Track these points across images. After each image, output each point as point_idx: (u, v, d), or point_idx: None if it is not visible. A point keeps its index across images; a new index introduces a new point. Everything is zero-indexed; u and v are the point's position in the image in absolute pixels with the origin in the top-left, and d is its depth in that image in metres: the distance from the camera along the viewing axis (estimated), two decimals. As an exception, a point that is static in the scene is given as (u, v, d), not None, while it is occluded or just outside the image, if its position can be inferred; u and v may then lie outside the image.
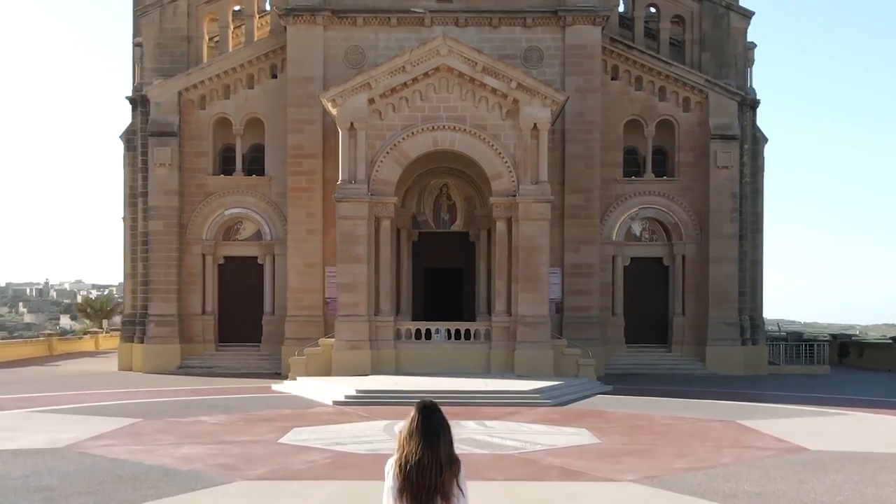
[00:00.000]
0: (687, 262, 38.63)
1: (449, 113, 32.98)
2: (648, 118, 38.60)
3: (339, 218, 32.58)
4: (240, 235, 38.93)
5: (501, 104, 32.81)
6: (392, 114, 33.02)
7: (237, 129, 38.44)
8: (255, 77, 38.44)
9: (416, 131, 32.88)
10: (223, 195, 38.35)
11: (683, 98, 38.54)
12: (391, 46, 36.83)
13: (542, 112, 32.58)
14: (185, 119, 38.21)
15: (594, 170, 37.08)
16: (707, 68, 39.13)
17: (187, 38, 39.04)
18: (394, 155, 32.93)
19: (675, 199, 38.52)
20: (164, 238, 37.79)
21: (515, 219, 32.66)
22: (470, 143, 32.99)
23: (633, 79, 38.53)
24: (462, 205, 37.71)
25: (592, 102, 37.01)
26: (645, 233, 39.14)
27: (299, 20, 36.77)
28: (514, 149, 32.83)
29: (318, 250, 36.83)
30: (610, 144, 38.13)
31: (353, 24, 36.88)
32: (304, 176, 36.89)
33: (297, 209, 36.90)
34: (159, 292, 37.76)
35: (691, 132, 38.62)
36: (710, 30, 39.33)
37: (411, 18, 36.74)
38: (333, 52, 36.98)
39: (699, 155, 38.47)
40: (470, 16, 36.76)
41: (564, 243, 36.81)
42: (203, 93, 38.29)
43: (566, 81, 36.87)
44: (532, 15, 36.76)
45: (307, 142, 36.82)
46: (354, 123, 32.57)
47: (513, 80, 32.38)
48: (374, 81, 32.46)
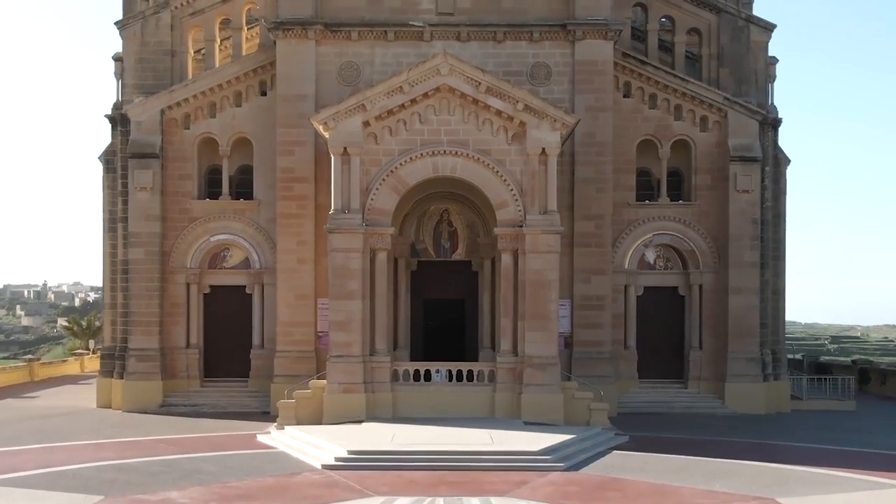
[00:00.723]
0: (704, 293, 36.14)
1: (450, 136, 30.51)
2: (663, 138, 36.10)
3: (332, 251, 30.09)
4: (226, 263, 36.46)
5: (507, 127, 30.33)
6: (389, 137, 30.54)
7: (224, 150, 35.96)
8: (243, 94, 35.95)
9: (414, 156, 30.40)
10: (209, 220, 35.86)
11: (701, 117, 36.04)
12: (388, 62, 34.35)
13: (551, 136, 30.09)
14: (167, 139, 35.71)
15: (606, 195, 34.56)
16: (725, 85, 36.65)
17: (171, 52, 36.55)
18: (390, 182, 30.44)
19: (692, 225, 36.03)
20: (145, 267, 35.30)
21: (522, 251, 30.18)
22: (473, 169, 30.51)
23: (647, 96, 36.03)
24: (464, 232, 35.21)
25: (604, 122, 34.50)
26: (659, 261, 36.66)
27: (290, 34, 34.26)
28: (521, 175, 30.35)
29: (310, 281, 34.33)
30: (622, 166, 35.63)
31: (347, 38, 34.37)
32: (295, 201, 34.38)
33: (288, 237, 34.40)
34: (140, 325, 35.26)
35: (709, 153, 36.12)
36: (728, 44, 36.83)
37: (410, 33, 34.25)
38: (326, 69, 34.47)
39: (717, 177, 35.98)
40: (472, 30, 34.26)
41: (574, 273, 34.30)
42: (187, 111, 35.81)
43: (576, 100, 34.39)
44: (539, 29, 34.25)
45: (298, 165, 34.32)
46: (348, 148, 30.09)
47: (519, 102, 29.89)
48: (370, 103, 29.97)
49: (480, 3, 34.52)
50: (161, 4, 36.53)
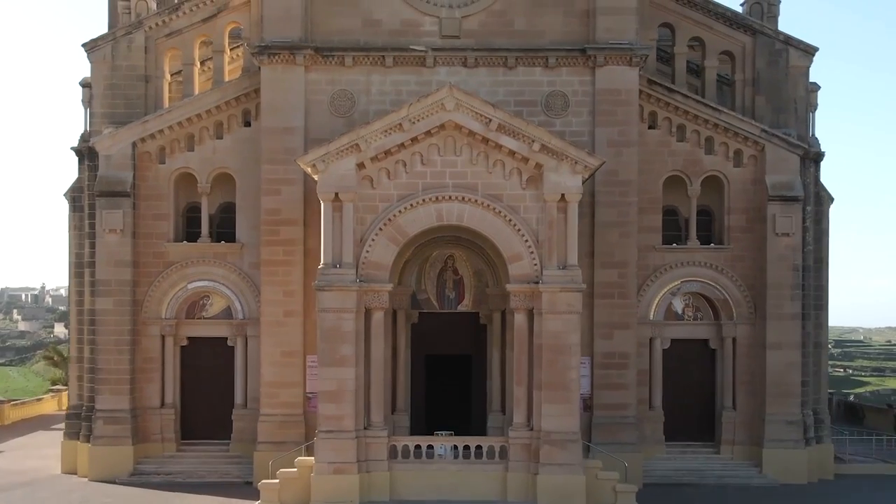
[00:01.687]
0: (738, 346, 32.40)
1: (456, 180, 26.86)
2: (693, 174, 32.37)
3: (321, 311, 26.41)
4: (206, 313, 32.76)
5: (521, 170, 26.66)
6: (386, 181, 26.86)
7: (203, 187, 32.25)
8: (225, 125, 32.23)
9: (415, 203, 26.73)
10: (186, 266, 32.15)
11: (735, 151, 32.32)
12: (386, 91, 30.70)
13: (572, 180, 26.40)
14: (140, 175, 32.01)
15: (630, 239, 30.84)
16: (761, 114, 32.91)
17: (145, 77, 32.81)
18: (388, 232, 26.75)
19: (725, 271, 32.30)
20: (114, 318, 31.57)
21: (538, 311, 26.50)
22: (482, 217, 26.84)
23: (675, 127, 32.30)
24: (471, 281, 31.43)
25: (628, 158, 30.78)
26: (688, 310, 32.91)
27: (276, 60, 30.54)
28: (537, 224, 26.69)
29: (298, 336, 30.61)
30: (647, 206, 31.90)
31: (340, 64, 30.66)
32: (282, 246, 30.67)
33: (273, 286, 30.69)
34: (109, 383, 31.54)
35: (744, 191, 32.40)
36: (765, 68, 33.08)
37: (411, 58, 30.56)
38: (317, 98, 30.77)
39: (753, 218, 32.26)
40: (481, 55, 30.55)
41: (594, 328, 30.58)
42: (162, 144, 32.10)
43: (596, 133, 30.70)
44: (556, 54, 30.53)
45: (285, 205, 30.61)
46: (340, 194, 26.43)
47: (535, 141, 26.21)
48: (365, 142, 26.29)
49: (489, 25, 30.84)
50: (134, 24, 32.86)
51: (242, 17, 32.95)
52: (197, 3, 32.87)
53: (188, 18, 32.90)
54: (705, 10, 33.02)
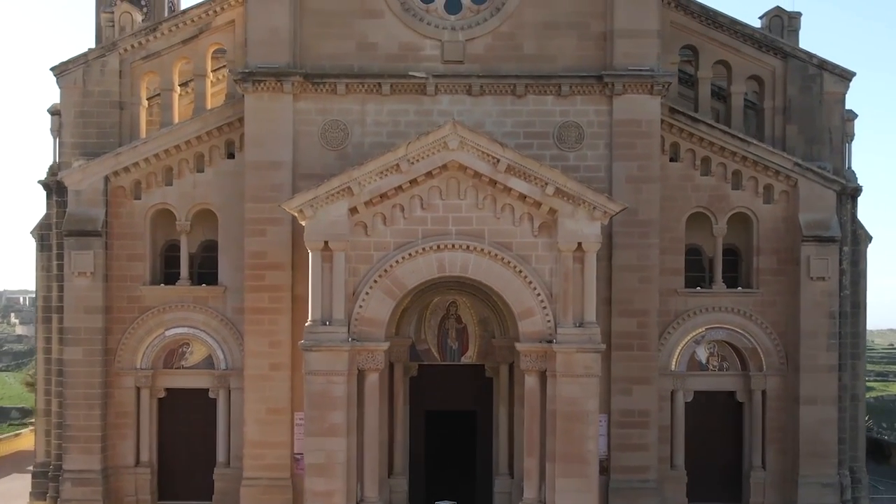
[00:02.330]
0: (768, 400, 29.58)
1: (460, 226, 24.13)
2: (718, 211, 29.56)
3: (308, 373, 23.67)
4: (186, 362, 29.94)
5: (533, 215, 23.92)
6: (382, 227, 24.11)
7: (182, 225, 29.45)
8: (207, 157, 29.43)
9: (415, 252, 23.98)
10: (164, 311, 29.35)
11: (765, 186, 29.52)
12: (383, 122, 27.95)
13: (590, 227, 23.65)
14: (113, 212, 29.21)
15: (651, 285, 28.04)
16: (793, 145, 30.09)
17: (119, 104, 29.95)
18: (384, 285, 23.99)
19: (753, 318, 29.49)
20: (83, 369, 28.77)
21: (552, 373, 23.75)
22: (489, 267, 24.10)
23: (699, 160, 29.49)
24: (475, 330, 28.64)
25: (649, 196, 28.00)
26: (713, 360, 30.10)
27: (261, 87, 27.77)
28: (551, 276, 23.95)
29: (286, 391, 27.80)
30: (668, 245, 29.08)
31: (332, 92, 27.88)
32: (267, 293, 27.87)
33: (258, 336, 27.89)
34: (78, 441, 28.72)
35: (774, 230, 29.59)
36: (797, 95, 30.23)
37: (410, 85, 27.80)
38: (307, 129, 27.99)
39: (785, 260, 29.46)
40: (487, 82, 27.77)
41: (611, 383, 27.76)
42: (138, 178, 29.31)
43: (614, 168, 27.94)
44: (569, 81, 27.75)
45: (271, 248, 27.82)
46: (330, 242, 23.70)
47: (549, 184, 23.47)
48: (358, 185, 23.54)
49: (496, 50, 28.06)
50: (107, 46, 30.08)
51: (226, 38, 30.13)
52: (176, 23, 30.07)
53: (167, 40, 30.08)
54: (732, 31, 30.20)
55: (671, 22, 29.86)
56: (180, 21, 30.08)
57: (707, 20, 30.09)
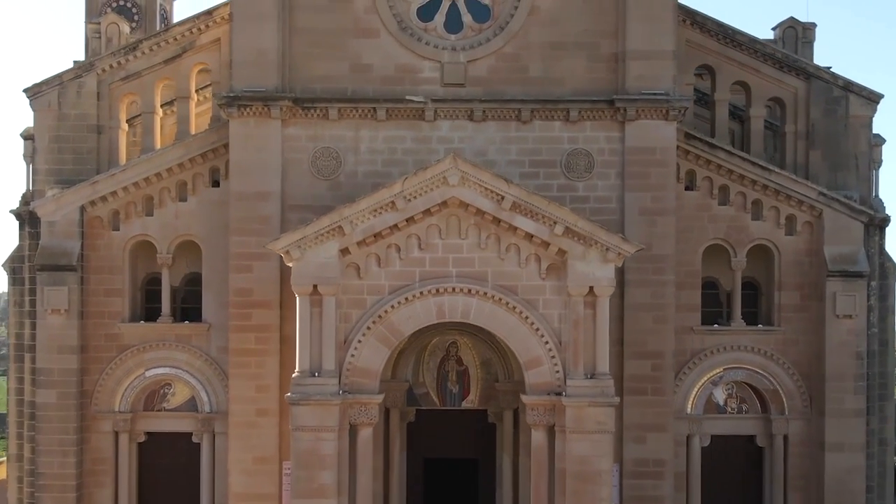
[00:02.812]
0: (790, 445, 27.66)
1: (461, 268, 22.22)
2: (737, 243, 27.62)
3: (295, 429, 21.79)
4: (167, 404, 28.03)
5: (540, 256, 22.01)
6: (376, 269, 22.20)
7: (163, 258, 27.53)
8: (190, 185, 27.50)
9: (411, 296, 22.06)
10: (144, 350, 27.43)
11: (787, 216, 27.60)
12: (378, 149, 26.05)
13: (602, 270, 21.73)
14: (89, 244, 27.30)
15: (666, 325, 26.11)
16: (816, 172, 28.19)
17: (97, 127, 28.05)
18: (378, 332, 22.06)
19: (775, 357, 27.58)
20: (57, 413, 26.85)
21: (561, 428, 21.85)
22: (493, 313, 22.20)
23: (717, 189, 27.55)
24: (477, 373, 26.71)
25: (664, 229, 26.08)
26: (731, 402, 28.16)
27: (247, 112, 25.85)
28: (559, 323, 22.04)
29: (273, 439, 25.87)
30: (683, 279, 27.15)
31: (323, 117, 25.97)
32: (254, 333, 25.96)
33: (243, 380, 25.97)
34: (52, 490, 26.79)
35: (797, 263, 27.66)
36: (820, 118, 28.31)
37: (407, 110, 25.89)
38: (296, 157, 26.08)
39: (809, 296, 27.55)
40: (490, 107, 25.84)
41: (623, 430, 25.80)
42: (115, 207, 27.39)
43: (626, 199, 26.03)
44: (578, 106, 25.83)
45: (258, 284, 25.90)
46: (319, 286, 21.78)
47: (558, 223, 21.54)
48: (349, 224, 21.61)
49: (500, 72, 26.14)
50: (84, 66, 28.18)
51: (211, 57, 28.28)
52: (158, 41, 28.21)
53: (147, 59, 28.17)
54: (751, 50, 28.28)
55: (686, 40, 27.97)
56: (162, 40, 28.25)
57: (725, 39, 28.20)
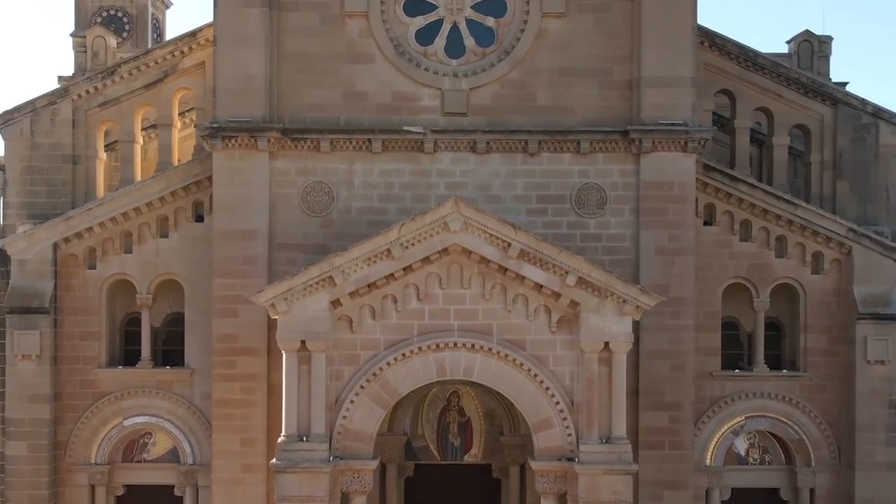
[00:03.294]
0: (817, 499, 25.73)
1: (464, 320, 20.35)
2: (760, 282, 25.73)
3: (281, 500, 19.84)
4: (148, 454, 26.13)
5: (550, 308, 20.14)
6: (371, 322, 20.31)
7: (143, 298, 25.64)
8: (171, 220, 25.60)
9: (409, 351, 20.17)
10: (122, 398, 25.55)
11: (813, 253, 25.70)
12: (373, 183, 24.18)
13: (618, 324, 19.84)
14: (63, 284, 25.41)
15: (685, 373, 24.23)
16: (844, 205, 26.35)
17: (72, 157, 26.19)
18: (373, 391, 20.17)
19: (800, 405, 25.69)
20: (29, 467, 24.94)
21: (573, 497, 19.99)
22: (498, 370, 20.33)
23: (738, 224, 25.68)
24: (481, 424, 24.76)
25: (682, 269, 24.19)
26: (753, 452, 26.27)
27: (232, 144, 23.96)
28: (572, 381, 20.18)
29: (260, 497, 23.93)
30: (702, 321, 25.26)
31: (315, 149, 24.08)
32: (239, 382, 24.05)
33: (228, 433, 24.06)
34: (22, 550, 24.96)
35: (824, 304, 25.78)
36: (848, 147, 26.46)
37: (405, 142, 24.01)
38: (285, 192, 24.19)
39: (837, 339, 25.67)
40: (494, 138, 23.95)
41: (639, 488, 23.82)
42: (92, 244, 25.49)
43: (641, 238, 24.14)
44: (590, 136, 23.94)
45: (244, 330, 23.99)
46: (308, 342, 19.91)
47: (570, 273, 19.64)
48: (341, 274, 19.72)
49: (505, 100, 24.26)
50: (58, 92, 26.29)
51: (195, 82, 26.44)
52: (138, 65, 26.33)
53: (126, 84, 26.30)
54: (774, 74, 26.40)
55: (704, 63, 26.12)
56: (142, 63, 26.37)
57: (746, 62, 26.36)
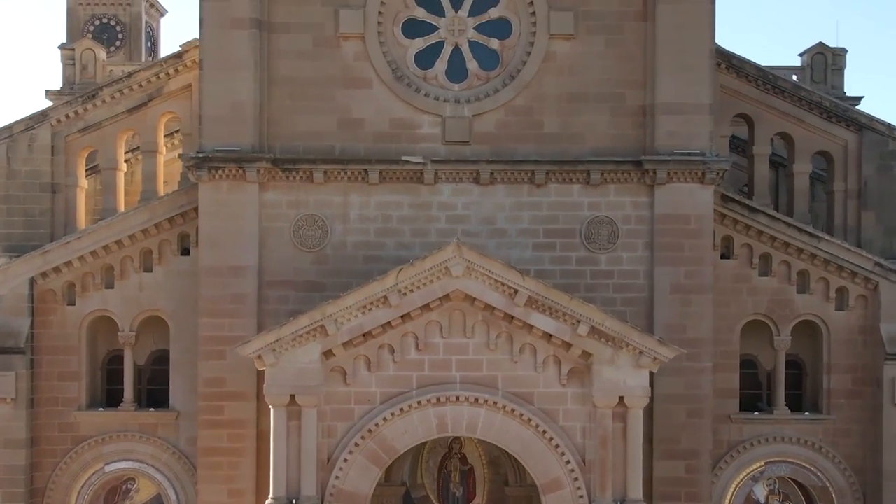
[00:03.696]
0: (842, 550, 24.31)
1: (466, 371, 18.85)
2: (780, 319, 24.22)
3: (269, 569, 18.29)
4: (131, 502, 24.65)
5: (560, 359, 18.64)
6: (366, 374, 18.81)
7: (126, 336, 24.15)
8: (155, 254, 24.08)
9: (407, 406, 18.69)
10: (103, 442, 24.05)
11: (837, 289, 24.19)
12: (370, 216, 22.69)
13: (634, 377, 18.37)
14: (41, 322, 23.91)
15: (703, 420, 22.75)
16: (870, 237, 24.92)
17: (51, 186, 24.81)
18: (368, 449, 18.68)
19: (823, 450, 24.19)
20: (4, 517, 23.54)
21: (585, 564, 18.36)
22: (504, 426, 18.85)
23: (757, 257, 24.19)
24: (484, 473, 23.24)
25: (700, 309, 22.71)
26: (773, 498, 24.76)
27: (219, 175, 22.47)
28: (583, 438, 18.68)
29: (249, 551, 22.53)
30: (719, 362, 23.77)
31: (307, 180, 22.59)
32: (226, 429, 22.55)
33: (214, 484, 22.55)
34: None
35: (849, 342, 24.27)
36: (873, 175, 25.00)
37: (404, 172, 22.53)
38: (276, 226, 22.70)
39: (862, 379, 24.18)
40: (498, 168, 22.47)
41: (653, 541, 22.46)
42: (71, 279, 24.00)
43: (655, 275, 22.65)
44: (600, 167, 22.46)
45: (232, 374, 22.48)
46: (298, 396, 18.45)
47: (582, 322, 18.16)
48: (334, 324, 18.23)
49: (510, 127, 22.77)
50: (36, 117, 24.83)
51: (181, 105, 25.00)
52: (120, 88, 24.91)
53: (109, 108, 24.86)
54: (795, 97, 24.95)
55: (721, 86, 24.66)
56: (125, 86, 24.95)
57: (765, 85, 24.92)
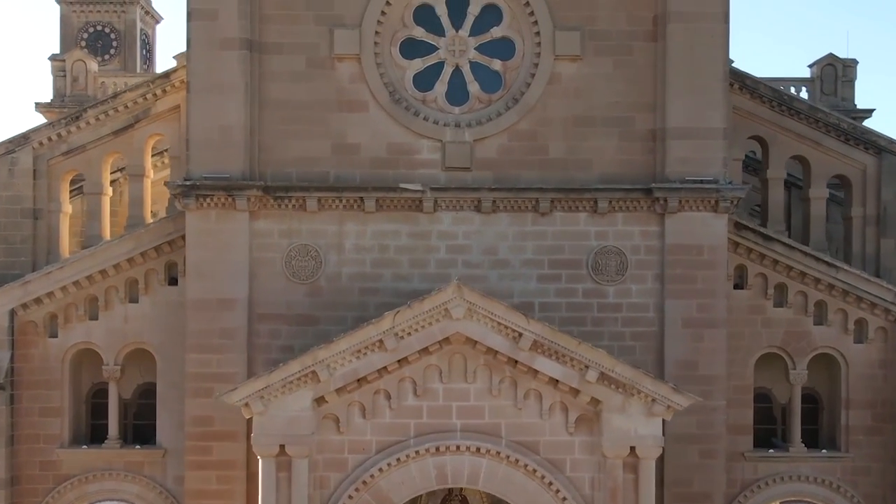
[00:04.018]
0: None
1: (468, 419, 17.76)
2: (796, 352, 23.15)
3: None
4: (116, 544, 23.64)
5: (567, 406, 17.54)
6: (360, 422, 17.71)
7: (110, 370, 23.08)
8: (141, 284, 23.01)
9: (405, 456, 17.58)
10: (87, 481, 22.99)
11: (856, 320, 23.13)
12: (366, 246, 21.63)
13: (646, 426, 17.31)
14: (21, 355, 22.86)
15: (716, 461, 21.69)
16: (890, 266, 23.79)
17: (33, 212, 23.74)
18: (363, 501, 17.65)
19: (841, 489, 23.11)
20: (-18, 561, 22.45)
21: None
22: (507, 476, 17.70)
23: (772, 287, 23.09)
24: (488, 515, 22.23)
25: (713, 344, 21.63)
26: (789, 540, 23.74)
27: (207, 203, 21.39)
28: (592, 489, 17.58)
29: None
30: (732, 397, 22.68)
31: (300, 209, 21.52)
32: (215, 471, 21.51)
33: (202, 530, 21.52)
34: None
35: (869, 377, 23.21)
36: (893, 201, 23.88)
37: (402, 200, 21.46)
38: (267, 257, 21.63)
39: (882, 415, 23.14)
40: (501, 196, 21.38)
41: (664, 588, 21.37)
42: (53, 311, 22.93)
43: (666, 308, 21.58)
44: (608, 195, 21.37)
45: (220, 412, 21.28)
46: (288, 446, 17.33)
47: (590, 367, 17.07)
48: (326, 369, 17.12)
49: (513, 153, 21.70)
50: (17, 140, 23.73)
51: (169, 128, 23.97)
52: (105, 110, 23.86)
53: (93, 131, 23.80)
54: (811, 119, 23.85)
55: (734, 107, 23.57)
56: (111, 107, 23.92)
57: (780, 106, 23.85)
